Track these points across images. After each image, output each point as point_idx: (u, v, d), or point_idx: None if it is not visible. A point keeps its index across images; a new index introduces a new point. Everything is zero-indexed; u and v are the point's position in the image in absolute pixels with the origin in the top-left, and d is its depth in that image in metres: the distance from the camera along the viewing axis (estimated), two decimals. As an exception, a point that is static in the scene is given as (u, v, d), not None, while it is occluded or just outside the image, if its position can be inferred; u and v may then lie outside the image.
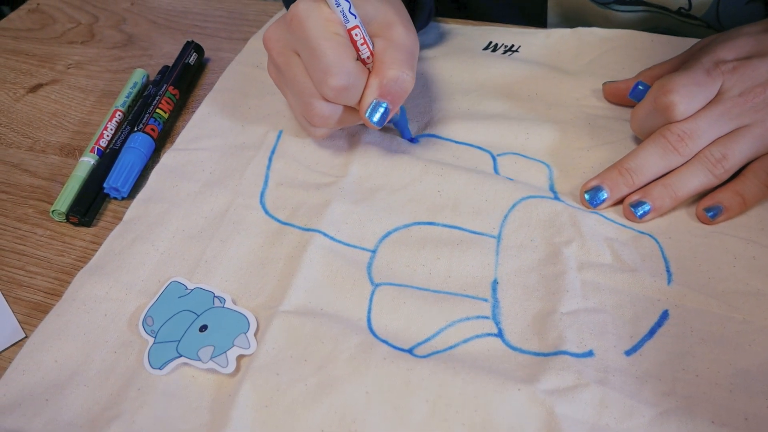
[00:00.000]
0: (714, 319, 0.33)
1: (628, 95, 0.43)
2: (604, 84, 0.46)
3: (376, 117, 0.37)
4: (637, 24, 0.53)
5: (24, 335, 0.35)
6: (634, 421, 0.29)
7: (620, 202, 0.39)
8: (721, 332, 0.33)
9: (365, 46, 0.37)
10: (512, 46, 0.51)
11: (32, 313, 0.36)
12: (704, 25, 0.52)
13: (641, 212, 0.38)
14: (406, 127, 0.44)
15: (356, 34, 0.36)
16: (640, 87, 0.42)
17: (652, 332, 0.33)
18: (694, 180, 0.38)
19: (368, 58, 0.37)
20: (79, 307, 0.35)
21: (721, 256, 0.36)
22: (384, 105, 0.37)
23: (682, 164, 0.38)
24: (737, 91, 0.37)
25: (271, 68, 0.41)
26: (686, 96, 0.37)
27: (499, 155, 0.43)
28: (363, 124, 0.42)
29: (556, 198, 0.40)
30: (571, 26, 0.52)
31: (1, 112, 0.50)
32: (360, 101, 0.37)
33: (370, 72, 0.37)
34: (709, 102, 0.38)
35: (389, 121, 0.41)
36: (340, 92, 0.36)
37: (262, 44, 0.40)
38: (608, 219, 0.39)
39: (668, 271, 0.36)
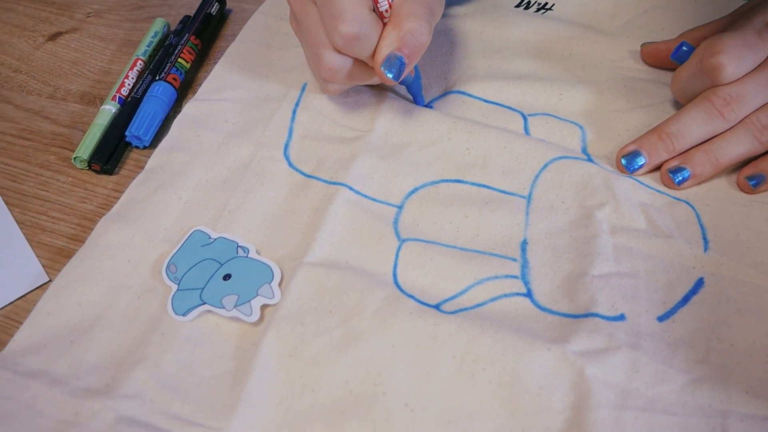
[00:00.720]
0: (751, 288, 0.32)
1: (671, 56, 0.41)
2: (642, 45, 0.44)
3: (392, 70, 0.35)
4: None
5: (48, 279, 0.35)
6: (666, 387, 0.29)
7: (658, 168, 0.38)
8: (758, 303, 0.32)
9: None
10: (546, 3, 0.49)
11: (56, 258, 0.36)
12: None
13: (680, 179, 0.37)
14: (420, 92, 0.42)
15: None
16: (685, 48, 0.40)
17: (686, 299, 0.32)
18: (738, 147, 0.36)
19: (386, 11, 0.35)
20: (102, 252, 0.34)
21: (760, 225, 0.35)
22: (400, 58, 0.35)
23: (726, 130, 0.37)
24: None
25: (292, 19, 0.40)
26: (735, 57, 0.35)
27: (530, 115, 0.42)
28: (377, 84, 0.40)
29: (590, 160, 0.39)
30: None
31: (21, 59, 0.49)
32: (375, 53, 0.35)
33: (385, 26, 0.35)
34: (759, 65, 0.36)
35: (402, 82, 0.39)
36: (350, 41, 0.34)
37: None
38: (644, 184, 0.37)
39: (705, 238, 0.35)
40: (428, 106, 0.43)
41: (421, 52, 0.35)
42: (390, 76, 0.35)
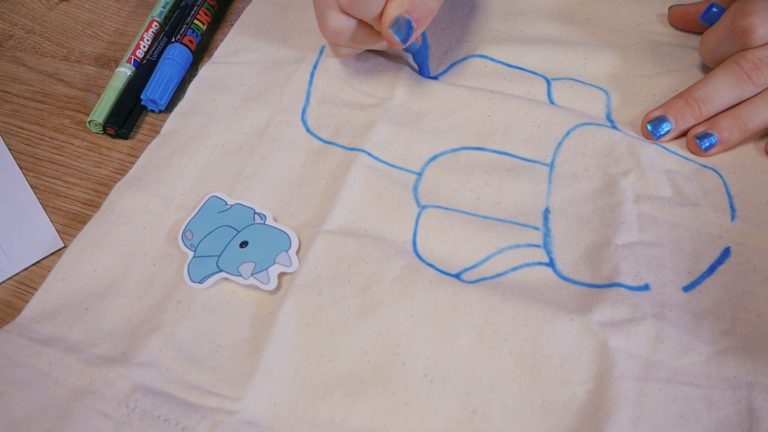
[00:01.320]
0: (780, 259, 0.31)
1: (700, 18, 0.39)
2: (670, 8, 0.43)
3: (401, 32, 0.33)
4: None
5: (63, 245, 0.35)
6: (691, 358, 0.28)
7: (684, 134, 0.37)
8: (786, 273, 0.31)
9: None
10: (571, -36, 0.47)
11: (70, 224, 0.36)
12: None
13: (707, 145, 0.35)
14: (426, 62, 0.40)
15: None
16: (715, 9, 0.38)
17: (712, 269, 0.31)
18: (767, 112, 0.35)
19: None
20: (117, 218, 0.34)
21: (790, 194, 0.34)
22: (409, 21, 0.33)
23: (755, 95, 0.35)
24: None
25: None
26: (767, 19, 0.34)
27: (554, 80, 0.40)
28: (385, 50, 0.39)
29: (614, 127, 0.37)
30: None
31: (34, 20, 0.48)
32: (383, 14, 0.34)
33: None
34: None
35: (408, 49, 0.38)
36: (354, 1, 0.33)
37: None
38: (669, 150, 0.36)
39: (732, 207, 0.34)
40: (434, 78, 0.41)
41: (430, 17, 0.34)
42: (398, 38, 0.34)
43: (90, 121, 0.39)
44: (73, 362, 0.29)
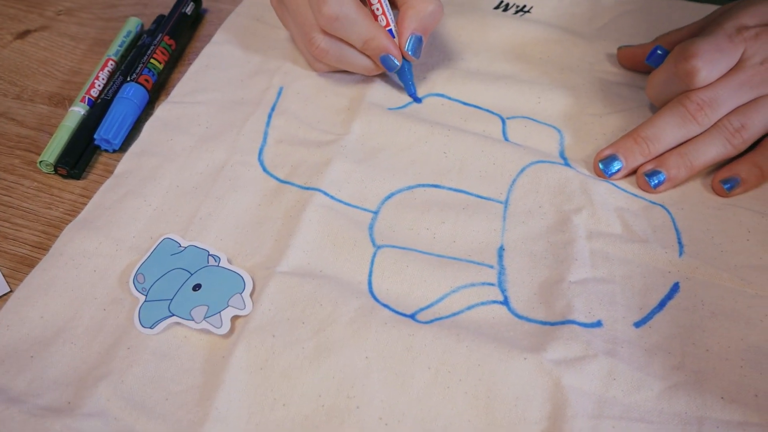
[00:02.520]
0: (726, 292, 0.32)
1: (646, 60, 0.41)
2: (619, 48, 0.44)
3: (416, 51, 0.40)
4: None
5: (9, 289, 0.34)
6: (642, 395, 0.29)
7: (634, 172, 0.38)
8: (732, 306, 0.32)
9: None
10: (524, 6, 0.49)
11: (18, 267, 0.35)
12: None
13: (656, 182, 0.37)
14: (411, 80, 0.42)
15: None
16: (659, 52, 0.40)
17: (662, 304, 0.32)
18: (712, 150, 0.36)
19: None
20: (67, 262, 0.33)
21: (734, 229, 0.35)
22: (420, 37, 0.40)
23: (700, 133, 0.37)
24: (759, 58, 0.36)
25: (276, 2, 0.42)
26: (709, 62, 0.35)
27: (508, 118, 0.41)
28: (364, 75, 0.43)
29: (567, 164, 0.38)
30: None
31: (-14, 58, 0.47)
32: (399, 35, 0.40)
33: (372, 14, 0.39)
34: (730, 69, 0.36)
35: (393, 71, 0.41)
36: (331, 21, 0.37)
37: None
38: (620, 188, 0.37)
39: (680, 242, 0.35)
40: (417, 99, 0.43)
41: (435, 27, 0.41)
42: (413, 55, 0.40)
43: (41, 161, 0.39)
44: (15, 414, 0.28)
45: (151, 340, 0.30)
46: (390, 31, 0.39)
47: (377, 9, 0.39)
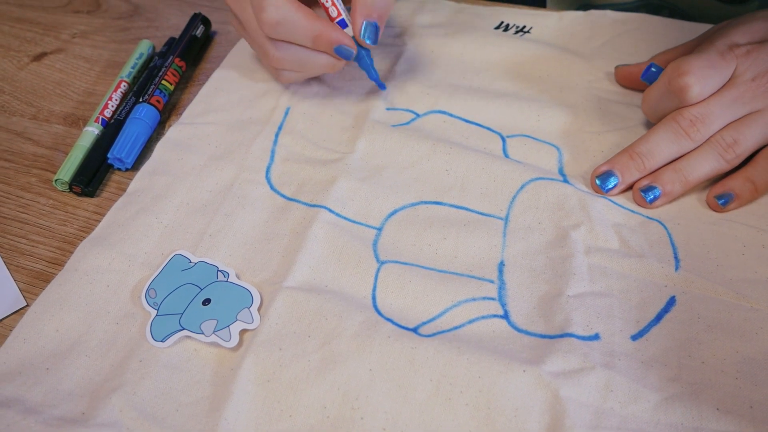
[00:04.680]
0: (721, 306, 0.33)
1: (641, 77, 0.42)
2: (616, 67, 0.46)
3: (370, 36, 0.40)
4: None
5: (25, 303, 0.35)
6: (639, 406, 0.29)
7: (630, 187, 0.39)
8: (728, 320, 0.32)
9: None
10: (524, 27, 0.50)
11: (34, 282, 0.36)
12: None
13: (651, 197, 0.37)
14: (372, 66, 0.42)
15: None
16: (653, 69, 0.41)
17: (658, 318, 0.33)
18: (705, 165, 0.37)
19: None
20: (81, 277, 0.34)
21: (730, 243, 0.36)
22: (373, 24, 0.39)
23: (693, 149, 0.38)
24: (750, 75, 0.37)
25: (233, 21, 0.43)
26: (701, 78, 0.36)
27: (508, 137, 0.42)
28: (331, 72, 0.43)
29: (566, 181, 0.39)
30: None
31: (4, 80, 0.49)
32: (352, 25, 0.40)
33: (323, 7, 0.40)
34: (723, 86, 0.37)
35: (351, 59, 0.41)
36: (274, 27, 0.38)
37: None
38: (617, 204, 0.38)
39: (676, 257, 0.35)
40: (381, 85, 0.44)
41: (389, 12, 0.40)
42: (369, 42, 0.40)
43: (56, 180, 0.40)
44: (32, 424, 0.29)
45: (163, 353, 0.31)
46: (342, 21, 0.40)
47: (326, 1, 0.40)
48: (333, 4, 0.40)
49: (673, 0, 0.53)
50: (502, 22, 0.51)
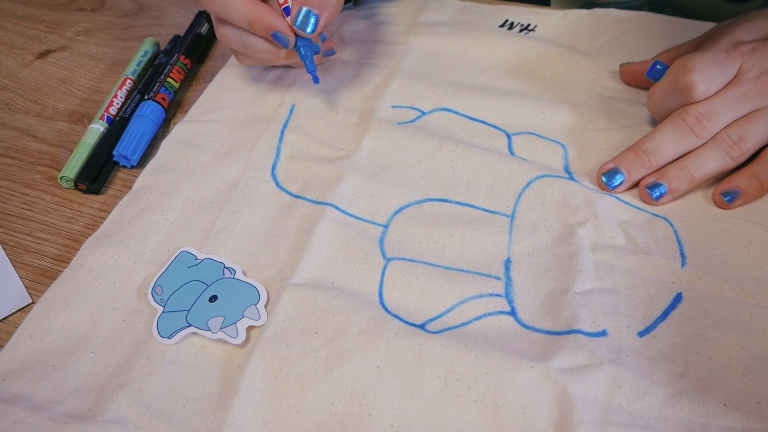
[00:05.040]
0: (728, 302, 0.33)
1: (646, 74, 0.42)
2: (621, 65, 0.46)
3: (307, 24, 0.38)
4: None
5: (31, 300, 0.35)
6: (647, 402, 0.29)
7: (636, 185, 0.39)
8: (734, 316, 0.32)
9: None
10: (528, 25, 0.50)
11: (39, 279, 0.36)
12: None
13: (657, 194, 0.37)
14: (310, 58, 0.40)
15: None
16: (659, 66, 0.41)
17: (665, 314, 0.33)
18: (711, 162, 0.37)
19: None
20: (87, 274, 0.34)
21: (735, 240, 0.36)
22: (309, 11, 0.38)
23: (699, 146, 0.38)
24: (755, 72, 0.37)
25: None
26: (706, 76, 0.36)
27: (514, 134, 0.42)
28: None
29: (571, 178, 0.39)
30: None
31: (9, 77, 0.49)
32: (291, 15, 0.39)
33: None
34: (728, 83, 0.37)
35: (287, 48, 0.40)
36: (211, 3, 0.38)
37: None
38: (623, 201, 0.38)
39: (682, 254, 0.35)
40: (316, 79, 0.41)
41: (336, 6, 0.40)
42: (305, 30, 0.39)
43: (61, 177, 0.40)
44: (38, 420, 0.29)
45: (169, 350, 0.31)
46: (287, 8, 0.39)
47: None
48: None
49: None
50: (506, 21, 0.51)
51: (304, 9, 0.38)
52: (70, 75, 0.49)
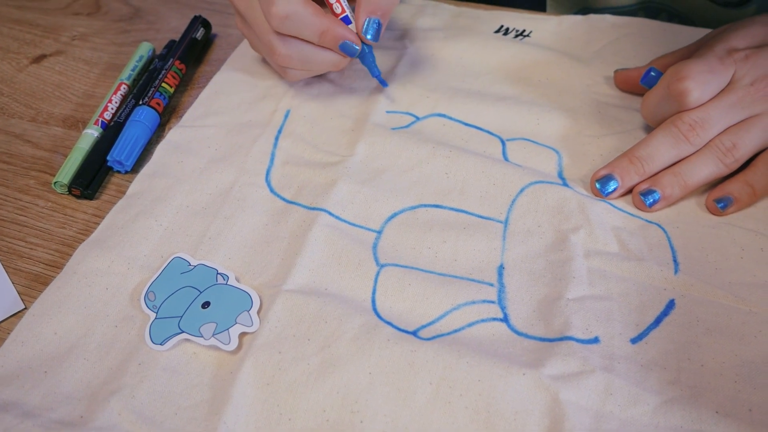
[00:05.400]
0: (720, 309, 0.33)
1: (640, 81, 0.42)
2: (615, 71, 0.46)
3: (371, 32, 0.41)
4: None
5: (23, 306, 0.35)
6: (639, 409, 0.29)
7: (630, 191, 0.39)
8: (726, 323, 0.33)
9: None
10: (523, 30, 0.51)
11: (32, 285, 0.36)
12: None
13: (651, 201, 0.38)
14: (374, 62, 0.43)
15: None
16: (653, 73, 0.41)
17: (657, 321, 0.33)
18: (705, 169, 0.37)
19: None
20: (80, 280, 0.34)
21: (728, 247, 0.36)
22: (376, 21, 0.40)
23: (693, 153, 0.38)
24: (749, 79, 0.37)
25: (238, 20, 0.44)
26: (700, 83, 0.37)
27: (508, 140, 0.42)
28: (333, 72, 0.44)
29: (565, 185, 0.39)
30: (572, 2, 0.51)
31: (3, 81, 0.49)
32: (355, 21, 0.41)
33: (328, 3, 0.41)
34: (721, 91, 0.37)
35: (354, 56, 0.42)
36: (282, 21, 0.38)
37: None
38: (616, 207, 0.38)
39: (675, 260, 0.35)
40: (383, 82, 0.44)
41: (392, 10, 0.41)
42: (369, 37, 0.41)
43: (55, 182, 0.40)
44: (30, 427, 0.29)
45: (162, 356, 0.31)
46: (346, 17, 0.41)
47: None
48: (337, 0, 0.40)
49: (672, 3, 0.53)
50: (501, 26, 0.51)
51: (371, 18, 0.40)
52: (65, 80, 0.49)
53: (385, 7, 0.40)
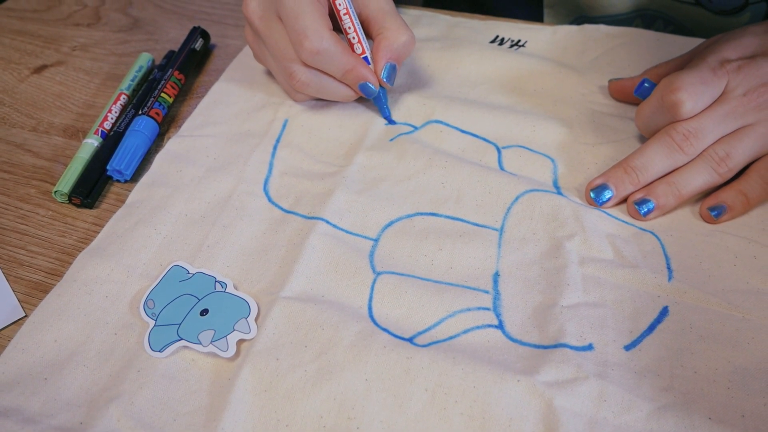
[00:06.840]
0: (713, 316, 0.33)
1: (634, 92, 0.43)
2: (609, 81, 0.46)
3: (390, 78, 0.43)
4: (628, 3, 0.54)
5: (24, 314, 0.35)
6: (632, 416, 0.30)
7: (624, 200, 0.39)
8: (720, 330, 0.33)
9: (347, 16, 0.41)
10: (519, 40, 0.51)
11: (32, 293, 0.36)
12: (693, 3, 0.52)
13: (645, 210, 0.38)
14: (386, 105, 0.45)
15: (340, 4, 0.41)
16: (646, 84, 0.42)
17: (651, 328, 0.33)
18: (699, 178, 0.38)
19: (349, 28, 0.42)
20: (80, 288, 0.35)
21: (722, 254, 0.36)
22: (393, 66, 0.43)
23: (687, 163, 0.38)
24: (742, 90, 0.37)
25: (249, 34, 0.45)
26: (693, 94, 0.37)
27: (504, 147, 0.43)
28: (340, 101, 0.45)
29: (559, 193, 0.40)
30: (567, 7, 0.52)
31: (5, 92, 0.50)
32: (374, 64, 0.42)
33: (349, 43, 0.42)
34: (714, 101, 0.38)
35: (371, 97, 0.44)
36: (314, 56, 0.40)
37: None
38: (610, 215, 0.39)
39: (669, 268, 0.36)
40: (392, 122, 0.45)
41: (408, 56, 0.44)
42: (386, 80, 0.43)
43: (56, 191, 0.40)
44: (29, 434, 0.29)
45: (161, 363, 0.32)
46: (366, 58, 0.42)
47: (353, 38, 0.42)
48: (359, 41, 0.42)
49: (668, 11, 0.54)
50: (497, 36, 0.52)
51: (390, 63, 0.42)
52: (65, 90, 0.50)
53: (403, 54, 0.43)
